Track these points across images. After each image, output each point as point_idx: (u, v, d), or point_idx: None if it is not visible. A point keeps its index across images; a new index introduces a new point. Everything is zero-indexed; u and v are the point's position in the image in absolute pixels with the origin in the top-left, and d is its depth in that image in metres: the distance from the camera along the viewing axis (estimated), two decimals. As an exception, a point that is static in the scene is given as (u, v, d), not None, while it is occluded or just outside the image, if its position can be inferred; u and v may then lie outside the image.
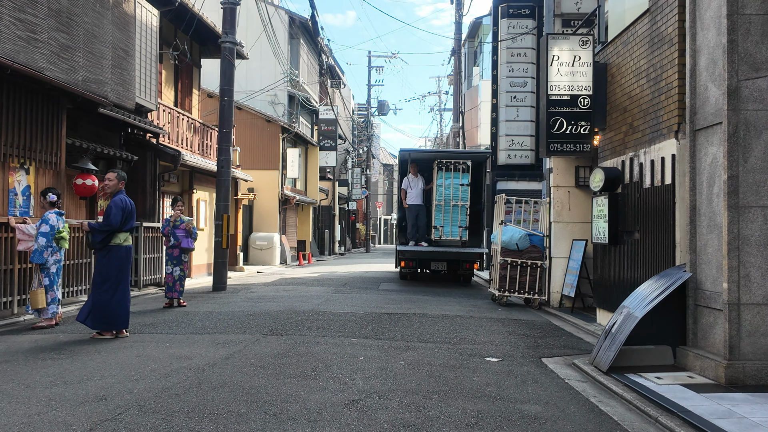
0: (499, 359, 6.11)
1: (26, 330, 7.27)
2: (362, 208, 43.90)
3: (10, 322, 7.79)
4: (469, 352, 6.41)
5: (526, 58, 15.81)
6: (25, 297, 8.41)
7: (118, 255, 6.92)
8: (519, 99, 15.76)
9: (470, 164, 13.60)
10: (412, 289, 12.81)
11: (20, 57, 7.96)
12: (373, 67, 38.58)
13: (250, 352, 6.04)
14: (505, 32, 15.82)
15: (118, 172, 7.15)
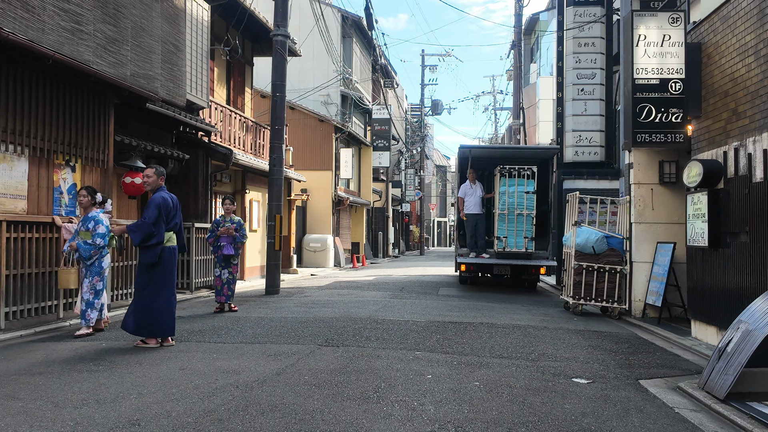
0: (589, 381, 5.26)
1: (68, 337, 6.83)
2: (416, 209, 43.14)
3: (54, 327, 7.39)
4: (552, 370, 5.57)
5: (594, 47, 14.73)
6: (71, 301, 8.03)
7: (165, 257, 6.38)
8: (587, 92, 14.70)
9: (535, 170, 12.63)
10: (474, 295, 11.97)
11: (64, 49, 7.57)
12: (426, 66, 37.80)
13: (304, 367, 5.38)
14: (571, 21, 14.79)
15: (156, 168, 6.60)
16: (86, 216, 7.03)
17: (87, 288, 6.93)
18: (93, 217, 6.96)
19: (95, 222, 6.93)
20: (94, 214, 7.02)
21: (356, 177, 27.51)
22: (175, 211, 6.47)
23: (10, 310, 6.98)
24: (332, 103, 24.89)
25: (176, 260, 6.57)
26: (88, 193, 7.05)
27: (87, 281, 6.96)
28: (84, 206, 7.08)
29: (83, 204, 7.06)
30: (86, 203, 7.04)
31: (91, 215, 6.99)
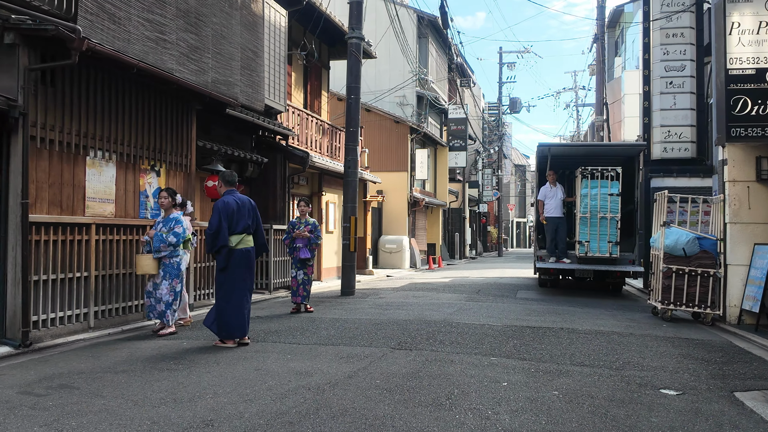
0: (678, 392, 4.91)
1: (152, 336, 7.09)
2: (493, 210, 42.45)
3: (140, 326, 7.70)
4: (637, 380, 5.25)
5: (683, 38, 13.94)
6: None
7: (233, 259, 6.49)
8: (676, 85, 13.93)
9: (620, 171, 12.02)
10: (554, 299, 11.58)
11: (149, 58, 7.89)
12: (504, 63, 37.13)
13: (376, 370, 5.32)
14: (658, 11, 14.06)
15: (223, 173, 6.86)
16: (168, 217, 7.29)
17: (167, 290, 7.15)
18: (175, 218, 7.25)
19: (176, 222, 7.21)
20: (176, 215, 7.29)
21: (432, 178, 27.36)
22: (242, 214, 6.49)
23: (99, 309, 7.33)
24: (408, 104, 24.87)
25: (250, 262, 6.60)
26: (168, 194, 7.30)
27: (166, 283, 7.16)
28: (165, 207, 7.33)
29: (164, 205, 7.32)
30: (167, 204, 7.29)
31: (173, 216, 7.27)
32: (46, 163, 6.71)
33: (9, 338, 6.14)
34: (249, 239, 6.60)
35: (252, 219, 6.60)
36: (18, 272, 6.18)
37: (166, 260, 7.18)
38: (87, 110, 7.28)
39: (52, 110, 6.79)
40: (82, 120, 7.20)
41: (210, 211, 11.31)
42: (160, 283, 7.15)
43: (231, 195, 6.63)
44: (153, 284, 7.22)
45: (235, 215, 6.47)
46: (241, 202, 6.57)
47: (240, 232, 6.50)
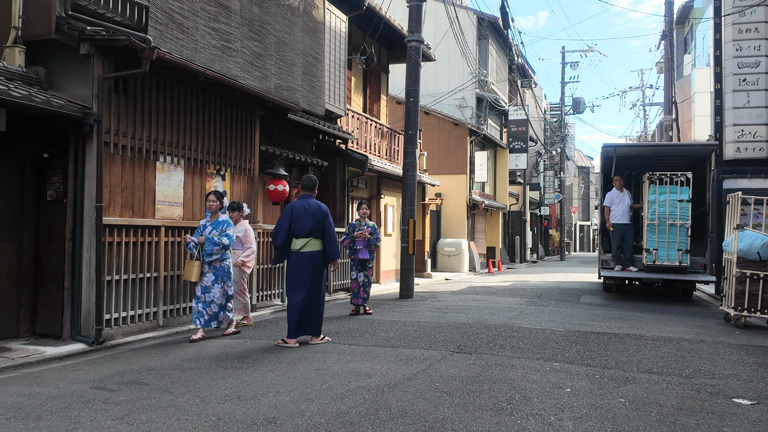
0: (752, 402, 4.67)
1: (218, 335, 7.30)
2: (555, 213, 41.58)
3: (206, 324, 7.93)
4: (708, 389, 5.03)
5: (757, 33, 13.29)
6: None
7: (292, 262, 6.72)
8: (750, 82, 13.29)
9: (690, 176, 11.52)
10: (619, 304, 11.23)
11: (215, 65, 8.14)
12: (566, 63, 36.33)
13: (435, 373, 5.31)
14: (730, 6, 13.46)
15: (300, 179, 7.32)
16: (217, 220, 7.13)
17: (219, 293, 7.02)
18: (225, 221, 7.16)
19: (226, 225, 7.14)
20: (225, 218, 7.21)
21: (491, 180, 27.05)
22: (306, 218, 6.62)
23: (167, 309, 7.61)
24: (467, 106, 24.70)
25: (312, 265, 6.65)
26: (216, 197, 7.18)
27: (218, 287, 7.02)
28: (213, 211, 7.16)
29: (212, 208, 7.15)
30: (215, 208, 7.15)
31: (223, 219, 7.16)
32: (119, 167, 7.02)
33: (83, 335, 6.46)
34: (314, 243, 6.67)
35: (317, 224, 6.66)
36: (92, 272, 6.49)
37: (216, 263, 7.02)
38: (157, 117, 7.58)
39: (124, 117, 7.10)
40: (153, 126, 7.50)
41: (273, 215, 11.59)
42: (212, 286, 7.00)
43: (303, 199, 6.79)
44: (202, 288, 7.00)
45: (297, 219, 6.61)
46: (309, 207, 6.68)
47: (303, 236, 6.63)
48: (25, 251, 6.70)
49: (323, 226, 6.70)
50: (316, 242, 6.69)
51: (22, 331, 6.61)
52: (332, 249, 6.76)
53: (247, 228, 8.04)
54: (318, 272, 6.72)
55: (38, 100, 5.95)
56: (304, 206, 6.70)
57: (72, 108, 6.33)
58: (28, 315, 6.68)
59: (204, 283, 6.99)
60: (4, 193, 6.57)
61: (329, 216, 6.82)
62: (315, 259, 6.68)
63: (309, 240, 6.66)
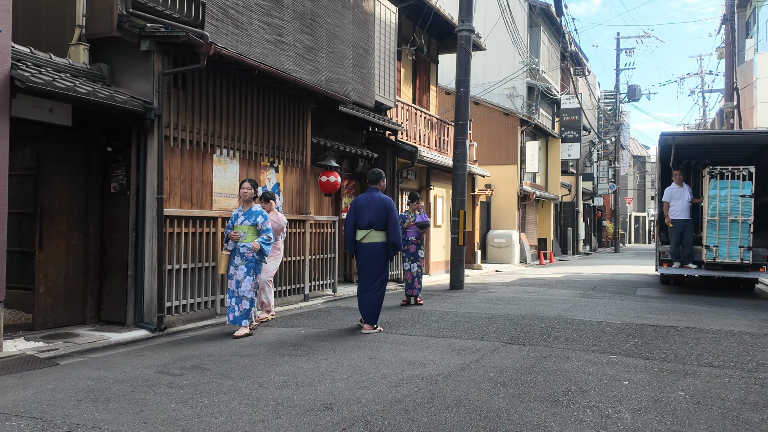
0: (823, 399, 4.49)
1: (273, 323, 7.47)
2: (609, 204, 40.62)
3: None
4: (774, 384, 4.86)
5: (828, 12, 12.65)
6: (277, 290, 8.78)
7: (359, 252, 7.00)
8: (819, 64, 12.68)
9: (753, 170, 11.06)
10: (677, 297, 10.93)
11: (268, 59, 8.28)
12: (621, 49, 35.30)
13: (489, 364, 5.30)
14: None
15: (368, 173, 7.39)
16: (250, 210, 6.74)
17: (251, 286, 6.64)
18: (260, 212, 6.74)
19: (264, 218, 6.73)
20: (258, 209, 6.78)
21: (543, 170, 26.63)
22: (367, 211, 6.88)
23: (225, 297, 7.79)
24: (518, 96, 24.35)
25: (374, 255, 6.90)
26: (251, 185, 6.81)
27: (250, 279, 6.64)
28: (246, 199, 6.78)
29: (246, 197, 6.76)
30: (249, 196, 6.76)
31: (257, 210, 6.75)
32: (178, 160, 7.24)
33: (146, 322, 6.72)
34: (375, 235, 6.91)
35: (378, 217, 6.88)
36: (154, 261, 6.73)
37: (248, 254, 6.61)
38: (214, 111, 7.78)
39: (183, 112, 7.32)
40: (210, 120, 7.70)
41: (324, 206, 11.74)
42: (243, 279, 6.61)
43: (368, 193, 7.09)
44: (236, 281, 6.65)
45: (360, 212, 6.93)
46: (372, 200, 6.96)
47: (364, 228, 6.91)
48: (91, 241, 7.00)
49: (385, 219, 6.90)
50: (376, 234, 6.91)
51: (88, 318, 6.92)
52: (394, 242, 6.95)
53: (280, 218, 7.79)
54: (376, 262, 6.92)
55: (102, 96, 6.19)
56: (368, 199, 6.98)
57: (134, 103, 6.56)
58: (93, 302, 7.00)
59: (238, 276, 6.63)
60: (71, 186, 6.88)
61: (393, 209, 7.00)
62: (373, 249, 6.91)
63: (369, 232, 6.90)
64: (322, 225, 10.14)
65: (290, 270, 9.17)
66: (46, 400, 4.13)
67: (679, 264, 11.61)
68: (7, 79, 5.50)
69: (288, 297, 9.13)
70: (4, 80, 5.49)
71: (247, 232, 6.67)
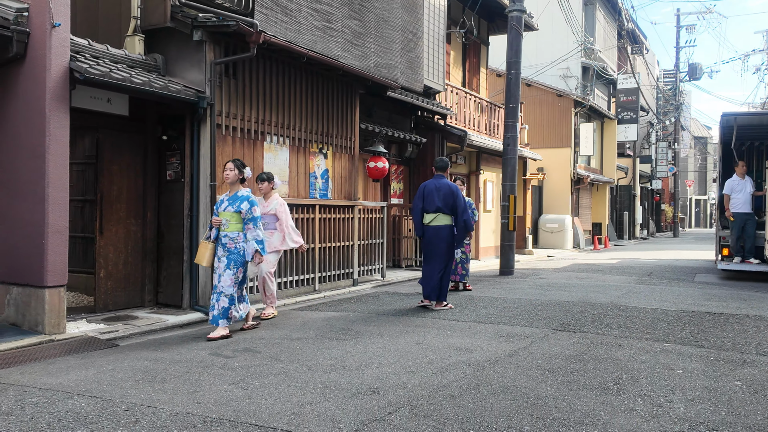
0: None
1: (322, 307, 7.59)
2: (668, 187, 39.29)
3: (310, 298, 8.27)
4: (840, 376, 4.64)
5: None
6: (325, 275, 8.91)
7: (426, 234, 7.48)
8: None
9: None
10: (738, 283, 10.53)
11: (317, 46, 8.34)
12: (681, 26, 33.89)
13: (537, 351, 5.25)
14: None
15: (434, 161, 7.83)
16: (236, 195, 5.90)
17: (230, 282, 5.80)
18: (246, 198, 5.88)
19: (250, 204, 5.87)
20: (246, 194, 5.92)
21: (598, 153, 25.95)
22: (436, 197, 7.36)
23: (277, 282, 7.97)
24: (572, 76, 23.73)
25: (440, 237, 7.38)
26: (235, 166, 5.90)
27: (231, 273, 5.82)
28: (230, 182, 5.91)
29: (229, 179, 5.89)
30: (233, 178, 5.89)
31: (243, 196, 5.89)
32: (230, 148, 7.40)
33: (201, 306, 6.93)
34: (442, 218, 7.39)
35: (445, 203, 7.37)
36: (208, 247, 6.91)
37: (231, 245, 5.82)
38: (263, 99, 7.90)
39: (234, 100, 7.46)
40: (260, 108, 7.82)
41: (372, 192, 11.79)
42: (223, 272, 5.81)
43: (435, 179, 7.55)
44: (218, 275, 5.87)
45: (429, 197, 7.43)
46: (439, 186, 7.43)
47: (432, 212, 7.41)
48: (149, 227, 7.26)
49: (453, 204, 7.38)
50: (444, 218, 7.40)
51: (146, 301, 7.20)
52: (463, 223, 7.44)
53: (280, 203, 6.84)
54: (443, 244, 7.40)
55: (157, 86, 6.37)
56: (435, 185, 7.45)
57: (187, 93, 6.73)
58: (151, 286, 7.26)
59: (219, 269, 5.85)
60: (128, 173, 7.13)
61: (459, 195, 7.48)
62: (441, 231, 7.41)
63: (437, 215, 7.40)
64: (371, 210, 10.20)
65: (339, 255, 9.28)
66: (106, 380, 4.33)
67: (740, 259, 11.18)
68: (66, 71, 5.72)
69: (337, 282, 9.24)
70: (64, 72, 5.71)
71: (230, 220, 5.84)
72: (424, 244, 7.60)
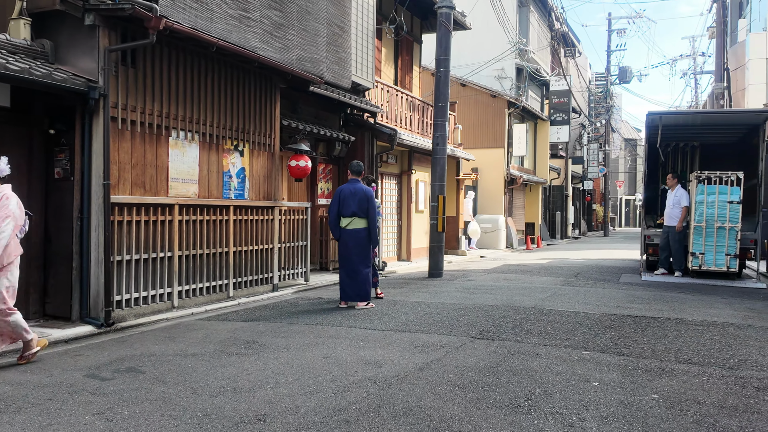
0: (808, 402, 4.14)
1: (232, 316, 7.07)
2: (599, 187, 40.30)
3: (223, 305, 7.73)
4: (755, 383, 4.51)
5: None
6: (241, 280, 8.38)
7: (343, 237, 7.65)
8: (812, 43, 12.29)
9: (741, 176, 10.64)
10: (662, 284, 10.59)
11: (232, 36, 7.79)
12: (612, 30, 34.73)
13: (451, 363, 4.92)
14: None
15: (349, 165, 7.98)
16: None
17: None
18: None
19: None
20: None
21: (531, 154, 26.21)
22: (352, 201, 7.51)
23: (183, 289, 7.40)
24: (506, 77, 23.84)
25: (357, 240, 7.57)
26: None
27: None
28: None
29: None
30: None
31: None
32: (129, 144, 6.77)
33: (92, 317, 6.29)
34: (358, 221, 7.58)
35: (361, 207, 7.55)
36: (100, 252, 6.29)
37: None
38: (169, 91, 7.30)
39: (134, 91, 6.83)
40: (164, 100, 7.22)
41: (298, 192, 11.30)
42: None
43: (350, 183, 7.72)
44: None
45: (343, 201, 7.58)
46: (354, 191, 7.60)
47: (348, 216, 7.60)
48: (34, 230, 6.54)
49: (366, 209, 7.60)
50: (360, 221, 7.61)
51: (31, 312, 6.48)
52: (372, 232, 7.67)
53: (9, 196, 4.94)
54: (361, 245, 7.61)
55: (38, 74, 5.71)
56: (351, 190, 7.62)
57: (75, 81, 6.08)
58: (37, 295, 6.55)
59: None
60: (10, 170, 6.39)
61: (373, 200, 7.65)
62: (358, 234, 7.62)
63: (353, 219, 7.60)
64: (294, 212, 9.71)
65: (258, 259, 8.75)
66: (-50, 410, 3.72)
67: (664, 271, 11.28)
68: (-75, 54, 5.01)
69: (255, 287, 8.72)
70: None
71: None
72: (342, 248, 7.72)
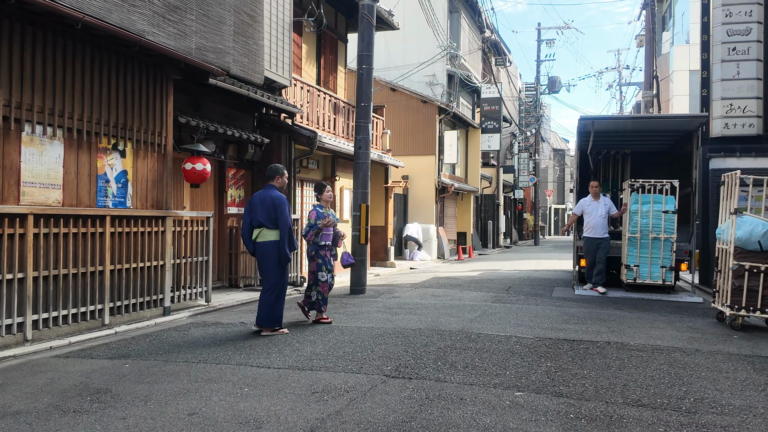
0: (786, 459, 3.34)
1: (100, 350, 5.80)
2: (530, 196, 40.47)
3: (96, 336, 6.41)
4: (721, 435, 3.70)
5: (749, -3, 12.07)
6: (121, 304, 7.09)
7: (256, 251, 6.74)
8: (740, 51, 12.10)
9: (676, 185, 10.13)
10: (596, 298, 9.94)
11: (112, 16, 6.57)
12: (542, 40, 34.94)
13: (353, 416, 3.88)
14: (720, -34, 12.19)
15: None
16: None
17: None
18: None
19: None
20: None
21: (463, 162, 25.71)
22: (260, 209, 6.59)
23: (39, 318, 6.06)
24: (438, 84, 23.22)
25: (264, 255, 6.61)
26: None
27: None
28: None
29: None
30: None
31: None
32: (-38, 139, 5.43)
33: None
34: (267, 233, 6.62)
35: (268, 216, 6.60)
36: None
37: None
38: (21, 76, 5.98)
39: (-30, 74, 5.50)
40: (14, 88, 5.91)
41: (203, 199, 10.06)
42: None
43: (264, 190, 6.77)
44: None
45: (253, 210, 6.67)
46: (264, 198, 6.65)
47: (257, 227, 6.68)
48: None
49: (275, 219, 6.61)
50: (268, 232, 6.63)
51: None
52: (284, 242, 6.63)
53: None
54: (268, 261, 6.64)
55: None
56: (261, 197, 6.69)
57: None
58: None
59: None
60: None
61: (281, 207, 6.59)
62: (265, 247, 6.64)
63: (261, 230, 6.66)
64: (191, 222, 8.46)
65: (144, 278, 7.46)
66: None
67: (590, 286, 10.62)
68: None
69: (141, 312, 7.42)
70: None
71: None
72: (257, 262, 6.88)
